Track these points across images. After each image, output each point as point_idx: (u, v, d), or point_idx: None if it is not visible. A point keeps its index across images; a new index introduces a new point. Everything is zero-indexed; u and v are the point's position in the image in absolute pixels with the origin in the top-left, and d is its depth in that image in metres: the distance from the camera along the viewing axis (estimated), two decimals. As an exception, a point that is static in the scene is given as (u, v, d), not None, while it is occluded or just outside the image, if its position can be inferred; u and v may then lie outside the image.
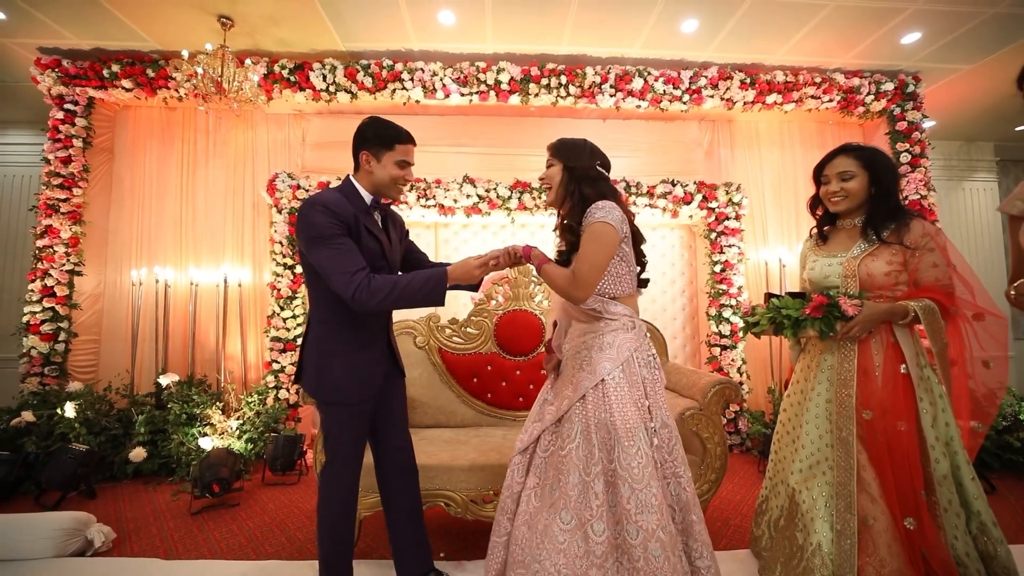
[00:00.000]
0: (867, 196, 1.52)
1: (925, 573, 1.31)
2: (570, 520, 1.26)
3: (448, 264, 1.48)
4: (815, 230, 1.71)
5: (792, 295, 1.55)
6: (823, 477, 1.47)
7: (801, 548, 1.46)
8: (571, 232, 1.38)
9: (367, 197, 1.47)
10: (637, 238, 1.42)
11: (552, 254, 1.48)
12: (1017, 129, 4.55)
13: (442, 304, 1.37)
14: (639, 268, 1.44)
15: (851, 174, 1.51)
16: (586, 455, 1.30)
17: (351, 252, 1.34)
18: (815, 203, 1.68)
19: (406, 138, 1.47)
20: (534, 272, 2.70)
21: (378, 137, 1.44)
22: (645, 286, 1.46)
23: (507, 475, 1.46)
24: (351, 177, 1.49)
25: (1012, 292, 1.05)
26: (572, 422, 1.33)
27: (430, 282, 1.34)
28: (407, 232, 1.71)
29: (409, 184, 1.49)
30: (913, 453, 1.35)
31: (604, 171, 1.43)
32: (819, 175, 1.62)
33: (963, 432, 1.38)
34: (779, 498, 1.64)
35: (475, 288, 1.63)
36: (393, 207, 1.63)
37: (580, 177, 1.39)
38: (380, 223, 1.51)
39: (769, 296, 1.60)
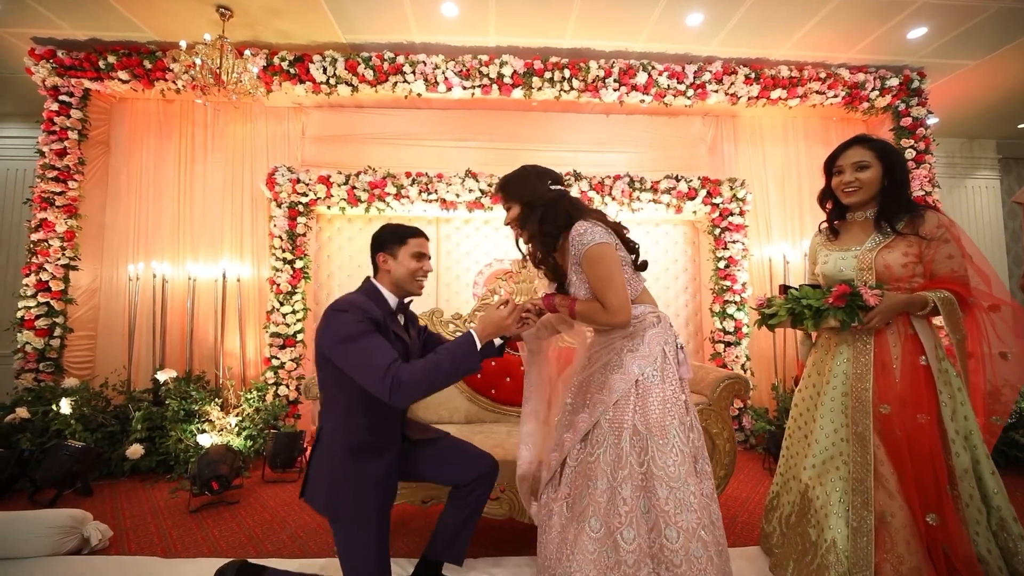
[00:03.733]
0: (880, 188, 1.49)
1: (946, 570, 1.28)
2: (599, 528, 1.22)
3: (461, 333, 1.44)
4: (825, 225, 1.67)
5: (810, 287, 1.52)
6: (836, 473, 1.45)
7: (815, 545, 1.44)
8: (554, 266, 1.37)
9: (391, 300, 1.46)
10: (620, 233, 1.38)
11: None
12: (1020, 127, 4.54)
13: (478, 370, 1.31)
14: (633, 256, 1.40)
15: (866, 164, 1.48)
16: (614, 459, 1.25)
17: (383, 347, 1.28)
18: (825, 196, 1.64)
19: (416, 232, 1.49)
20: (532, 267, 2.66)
21: (391, 236, 1.46)
22: (644, 268, 1.42)
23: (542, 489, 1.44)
24: (372, 280, 1.48)
25: None
26: (601, 427, 1.29)
27: (459, 352, 1.28)
28: (424, 330, 1.69)
29: (427, 275, 1.51)
30: (935, 446, 1.33)
31: (559, 187, 1.40)
32: (831, 167, 1.58)
33: (981, 425, 1.36)
34: (791, 494, 1.62)
35: (501, 351, 1.49)
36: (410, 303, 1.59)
37: (538, 208, 1.36)
38: (403, 324, 1.51)
39: (785, 288, 1.57)
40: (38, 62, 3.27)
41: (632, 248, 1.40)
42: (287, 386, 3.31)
